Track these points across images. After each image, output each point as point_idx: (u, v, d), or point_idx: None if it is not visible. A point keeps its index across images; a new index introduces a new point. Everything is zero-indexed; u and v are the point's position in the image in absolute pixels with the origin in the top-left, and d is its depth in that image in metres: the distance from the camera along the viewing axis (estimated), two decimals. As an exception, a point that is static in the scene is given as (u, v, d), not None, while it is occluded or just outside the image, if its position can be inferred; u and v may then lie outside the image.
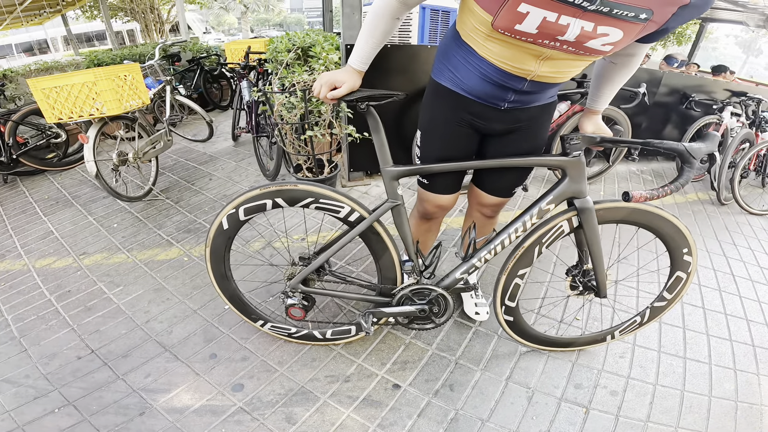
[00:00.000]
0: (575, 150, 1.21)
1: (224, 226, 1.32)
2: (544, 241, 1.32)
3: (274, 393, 1.45)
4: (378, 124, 1.21)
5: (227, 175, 3.09)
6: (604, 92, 1.25)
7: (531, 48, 0.97)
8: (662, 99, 3.59)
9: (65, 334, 1.69)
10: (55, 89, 2.15)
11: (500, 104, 1.17)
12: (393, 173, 1.24)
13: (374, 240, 1.36)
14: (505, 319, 1.47)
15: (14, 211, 2.69)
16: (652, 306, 1.55)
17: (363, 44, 1.11)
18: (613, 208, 1.29)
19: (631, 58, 1.15)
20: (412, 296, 1.41)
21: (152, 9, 9.53)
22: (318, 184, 1.27)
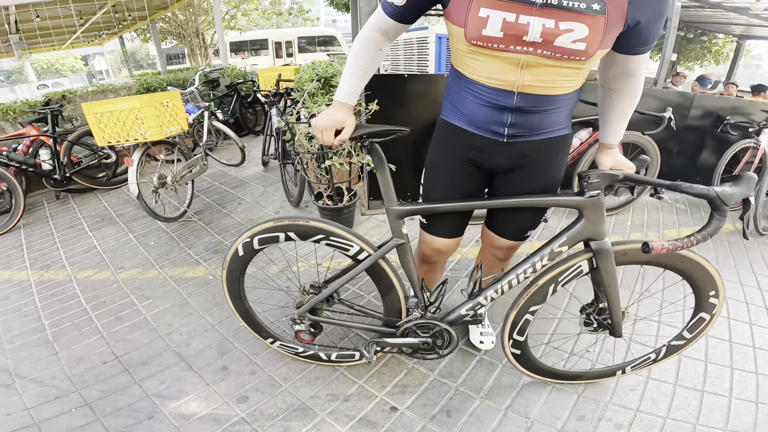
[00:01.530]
0: (593, 189, 1.13)
1: (239, 253, 1.40)
2: (560, 280, 1.28)
3: (276, 407, 1.52)
4: (382, 161, 1.20)
5: (255, 200, 3.27)
6: (613, 123, 1.19)
7: (506, 56, 0.97)
8: (695, 123, 3.45)
9: (95, 340, 1.85)
10: (106, 114, 2.39)
11: (501, 131, 1.12)
12: (397, 212, 1.25)
13: (380, 276, 1.39)
14: (512, 352, 1.45)
15: (63, 226, 2.98)
16: (669, 344, 1.50)
17: (350, 77, 1.11)
18: (635, 250, 1.23)
19: (628, 79, 1.09)
20: (416, 329, 1.43)
21: (198, 33, 10.30)
22: (330, 222, 1.32)
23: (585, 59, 0.95)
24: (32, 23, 6.05)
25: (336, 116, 1.10)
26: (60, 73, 21.98)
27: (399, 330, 1.44)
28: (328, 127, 1.10)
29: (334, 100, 1.12)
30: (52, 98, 3.88)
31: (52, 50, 8.00)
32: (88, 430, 1.43)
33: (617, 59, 1.05)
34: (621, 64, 1.07)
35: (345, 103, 1.12)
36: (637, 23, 0.93)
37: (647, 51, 1.03)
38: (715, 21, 6.35)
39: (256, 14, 11.60)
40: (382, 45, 1.11)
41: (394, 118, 2.63)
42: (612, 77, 1.11)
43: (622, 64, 1.06)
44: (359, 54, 1.10)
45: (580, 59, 0.95)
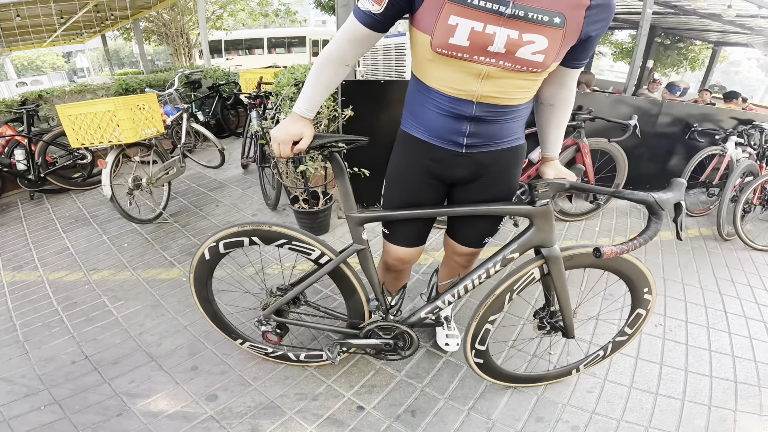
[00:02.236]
0: (543, 198, 1.18)
1: (206, 257, 1.43)
2: (515, 288, 1.33)
3: (245, 405, 1.55)
4: (342, 169, 1.23)
5: (233, 203, 3.28)
6: (553, 137, 1.26)
7: (469, 66, 1.00)
8: (663, 129, 3.54)
9: (65, 340, 1.85)
10: (80, 116, 2.38)
11: (460, 140, 1.14)
12: (357, 219, 1.29)
13: (342, 280, 1.44)
14: (475, 362, 1.49)
15: (36, 227, 2.94)
16: (614, 340, 1.59)
17: (311, 92, 1.11)
18: (581, 254, 1.30)
19: (564, 92, 1.17)
20: (379, 331, 1.47)
21: (182, 33, 10.20)
22: (292, 228, 1.36)
23: (541, 71, 1.01)
24: (11, 21, 5.94)
25: (293, 129, 1.12)
26: (41, 70, 21.50)
27: (362, 332, 1.48)
28: (285, 140, 1.12)
29: (293, 112, 1.13)
30: (28, 98, 3.83)
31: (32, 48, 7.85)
32: (57, 426, 1.44)
33: (559, 72, 1.11)
34: (559, 77, 1.13)
35: (303, 116, 1.13)
36: (587, 37, 0.99)
37: (582, 66, 1.11)
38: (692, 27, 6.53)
39: (243, 15, 11.55)
40: (350, 59, 1.09)
41: (370, 125, 2.67)
42: (551, 92, 1.18)
43: (561, 76, 1.12)
44: (323, 69, 1.09)
45: (536, 71, 1.00)
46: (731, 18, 4.30)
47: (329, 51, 1.08)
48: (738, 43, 5.97)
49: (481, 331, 1.41)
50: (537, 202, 1.19)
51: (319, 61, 1.09)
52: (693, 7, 4.34)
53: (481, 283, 1.32)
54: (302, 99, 1.12)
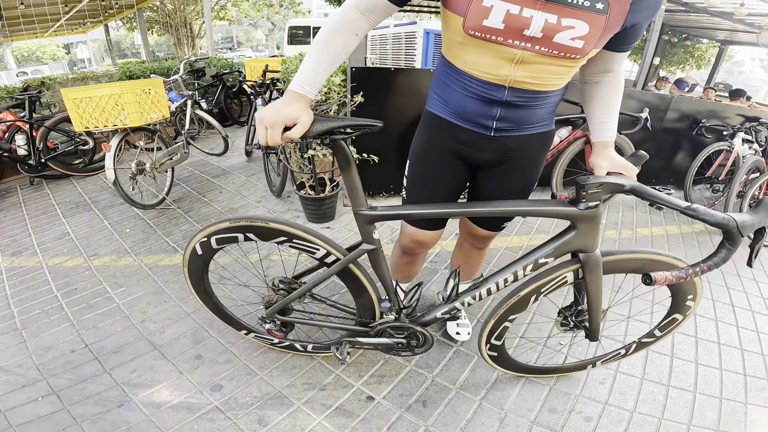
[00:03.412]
0: (593, 200, 1.01)
1: (198, 252, 1.32)
2: (543, 290, 1.24)
3: (251, 395, 1.50)
4: (348, 160, 1.06)
5: (237, 189, 3.23)
6: (601, 117, 1.13)
7: (503, 50, 0.96)
8: (671, 125, 3.54)
9: (64, 328, 1.80)
10: (85, 99, 2.34)
11: (489, 124, 1.11)
12: (367, 217, 1.13)
13: (351, 279, 1.33)
14: (489, 354, 1.44)
15: (36, 212, 2.89)
16: (639, 341, 1.53)
17: (313, 64, 0.92)
18: (626, 260, 1.17)
19: (609, 74, 1.09)
20: (391, 330, 1.39)
21: (185, 23, 10.11)
22: (292, 223, 1.23)
23: (580, 57, 0.95)
24: (16, 10, 5.85)
25: (286, 110, 0.90)
26: (41, 60, 21.30)
27: (372, 330, 1.41)
28: (275, 123, 0.89)
29: (288, 90, 0.92)
30: (30, 84, 3.78)
31: (35, 38, 7.76)
32: (55, 418, 1.39)
33: (603, 55, 1.04)
34: (603, 62, 1.06)
35: (302, 94, 0.91)
36: (633, 25, 0.93)
37: (629, 49, 1.04)
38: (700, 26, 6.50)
39: (246, 5, 11.44)
40: (359, 29, 0.95)
41: (379, 112, 2.62)
42: (595, 73, 1.11)
43: (605, 61, 1.06)
44: (330, 37, 0.93)
45: (575, 57, 0.95)
46: (742, 16, 4.26)
47: (338, 18, 0.94)
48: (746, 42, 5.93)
49: (499, 329, 1.34)
50: (584, 203, 1.03)
51: (324, 30, 0.94)
52: (705, 4, 4.30)
53: (506, 286, 1.22)
54: (301, 73, 0.92)
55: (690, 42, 8.44)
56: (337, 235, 2.56)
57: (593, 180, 0.99)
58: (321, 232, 1.42)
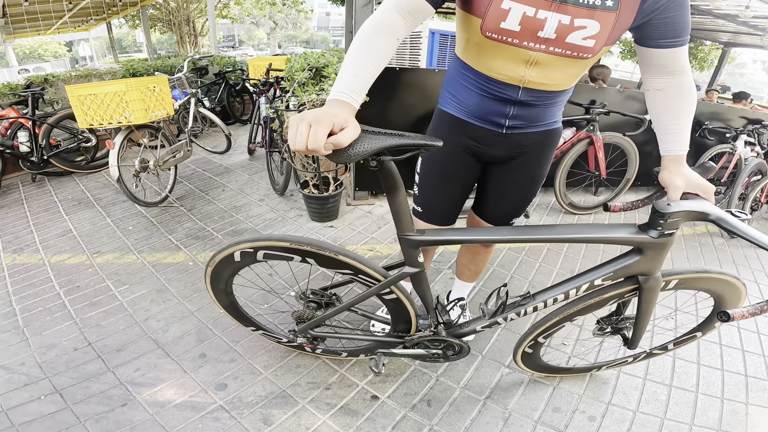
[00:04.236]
0: (669, 228, 0.92)
1: (235, 258, 1.23)
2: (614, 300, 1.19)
3: (255, 394, 1.50)
4: (397, 182, 0.94)
5: (239, 187, 3.23)
6: (670, 128, 0.99)
7: (518, 52, 0.98)
8: (675, 127, 3.54)
9: (67, 326, 1.80)
10: (90, 96, 2.34)
11: (501, 122, 1.15)
12: (414, 243, 1.07)
13: (389, 299, 1.28)
14: (525, 351, 1.41)
15: (38, 209, 2.88)
16: (650, 351, 1.54)
17: (355, 69, 0.81)
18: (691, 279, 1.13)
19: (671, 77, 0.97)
20: (427, 342, 1.37)
21: (188, 21, 10.11)
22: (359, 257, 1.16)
23: (591, 56, 0.97)
24: (20, 7, 5.83)
25: (336, 111, 0.73)
26: (42, 58, 21.25)
27: (409, 342, 1.38)
28: (322, 120, 0.70)
29: (329, 99, 0.78)
30: (33, 81, 3.77)
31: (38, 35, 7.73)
32: (58, 417, 1.39)
33: (652, 55, 0.96)
34: (656, 60, 0.96)
35: (346, 102, 0.77)
36: (656, 15, 0.89)
37: (682, 44, 0.92)
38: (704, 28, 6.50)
39: (249, 4, 11.42)
40: (399, 32, 0.88)
41: (383, 111, 2.63)
42: (654, 78, 1.00)
43: (657, 59, 0.96)
44: (371, 41, 0.84)
45: (586, 57, 0.97)
46: (747, 19, 4.26)
47: (376, 20, 0.87)
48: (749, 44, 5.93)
49: (557, 327, 1.30)
50: (659, 231, 0.93)
51: (363, 33, 0.86)
52: (710, 7, 4.30)
53: (554, 304, 1.17)
54: (342, 80, 0.80)
55: (693, 44, 8.44)
56: (340, 234, 2.56)
57: (675, 208, 0.89)
58: (364, 255, 1.41)
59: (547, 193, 3.38)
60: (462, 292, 1.79)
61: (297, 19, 22.31)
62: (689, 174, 0.96)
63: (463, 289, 1.78)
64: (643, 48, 0.97)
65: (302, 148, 0.70)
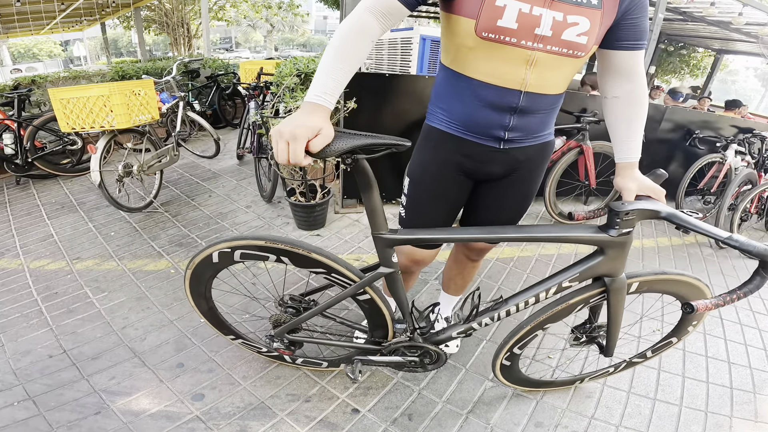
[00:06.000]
0: (626, 227, 0.98)
1: (213, 260, 1.24)
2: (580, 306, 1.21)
3: (233, 405, 1.47)
4: (370, 182, 1.00)
5: (227, 193, 3.19)
6: (623, 135, 1.07)
7: (517, 52, 0.95)
8: (665, 135, 3.55)
9: (43, 333, 1.76)
10: (72, 100, 2.30)
11: (500, 135, 1.07)
12: (387, 241, 1.09)
13: (365, 301, 1.28)
14: (503, 363, 1.40)
15: (21, 213, 2.83)
16: (630, 360, 1.53)
17: (330, 72, 0.85)
18: (652, 281, 1.16)
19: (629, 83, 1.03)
20: (404, 349, 1.35)
21: (183, 23, 10.06)
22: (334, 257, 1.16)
23: (584, 54, 0.97)
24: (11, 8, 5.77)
25: (310, 120, 0.81)
26: (37, 58, 21.11)
27: (385, 349, 1.36)
28: (298, 136, 0.79)
29: (305, 102, 0.84)
30: (21, 82, 3.73)
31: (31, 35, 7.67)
32: (31, 423, 1.36)
33: (612, 58, 1.02)
34: (616, 63, 1.02)
35: (321, 105, 0.83)
36: (625, 16, 0.95)
37: (640, 48, 1.00)
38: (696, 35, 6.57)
39: (245, 6, 11.42)
40: (373, 34, 0.90)
41: (373, 119, 2.61)
42: (612, 81, 1.06)
43: (618, 62, 1.02)
44: (346, 42, 0.87)
45: (580, 55, 0.97)
46: (740, 26, 4.30)
47: (350, 22, 0.89)
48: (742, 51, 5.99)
49: (530, 336, 1.30)
50: (617, 230, 0.99)
51: (338, 36, 0.88)
52: (703, 14, 4.34)
53: (526, 307, 1.18)
54: (318, 83, 0.85)
55: (686, 51, 8.54)
56: (327, 243, 2.53)
57: (629, 206, 0.95)
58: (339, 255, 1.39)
59: (536, 203, 3.37)
60: (448, 304, 1.76)
61: (294, 22, 22.30)
62: (641, 178, 1.05)
63: (448, 302, 1.75)
64: (607, 51, 1.02)
65: (284, 162, 0.81)
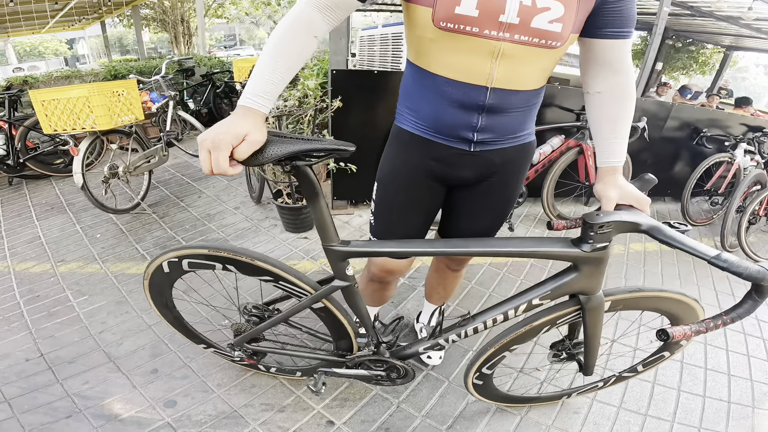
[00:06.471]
0: (601, 241, 0.87)
1: (164, 270, 1.21)
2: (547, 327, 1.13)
3: (205, 413, 1.44)
4: (315, 189, 0.91)
5: (216, 194, 3.15)
6: (606, 136, 0.95)
7: (480, 43, 0.85)
8: (671, 134, 3.42)
9: (22, 336, 1.75)
10: (53, 102, 2.28)
11: (469, 136, 0.99)
12: (339, 254, 1.01)
13: (325, 314, 1.22)
14: (474, 383, 1.33)
15: (11, 214, 2.83)
16: (619, 374, 1.44)
17: (266, 73, 0.77)
18: (631, 299, 1.06)
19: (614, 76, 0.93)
20: (369, 363, 1.29)
21: (182, 21, 10.03)
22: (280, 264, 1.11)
23: (560, 45, 0.86)
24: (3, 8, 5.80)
25: (235, 127, 0.74)
26: (43, 56, 21.35)
27: (350, 362, 1.31)
28: (220, 144, 0.72)
29: (238, 105, 0.78)
30: (13, 83, 3.73)
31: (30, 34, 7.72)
32: (4, 425, 1.36)
33: (594, 48, 0.92)
34: (599, 53, 0.92)
35: (254, 109, 0.76)
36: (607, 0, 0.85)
37: (627, 36, 0.89)
38: (705, 30, 6.39)
39: (245, 3, 11.35)
40: (317, 29, 0.82)
41: (361, 117, 2.53)
42: (595, 75, 0.95)
43: (600, 52, 0.91)
44: (285, 41, 0.79)
45: (555, 45, 0.86)
46: (750, 21, 4.15)
47: (291, 17, 0.81)
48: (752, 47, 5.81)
49: (497, 357, 1.22)
50: (591, 244, 0.89)
51: (277, 33, 0.80)
52: (711, 8, 4.19)
53: (494, 325, 1.10)
54: (252, 84, 0.78)
55: (694, 47, 8.31)
56: (314, 246, 2.47)
57: (604, 218, 0.84)
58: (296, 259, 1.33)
59: (535, 204, 3.28)
60: (431, 314, 1.69)
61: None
62: (624, 185, 0.93)
63: (431, 312, 1.68)
64: (588, 40, 0.91)
65: (208, 173, 0.75)
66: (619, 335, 1.86)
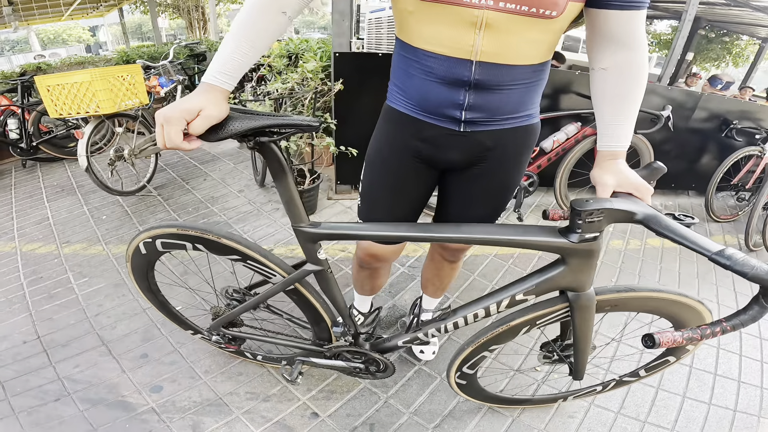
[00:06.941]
0: (590, 230, 0.79)
1: (141, 251, 1.21)
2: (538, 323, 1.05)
3: (190, 400, 1.43)
4: (282, 166, 0.88)
5: (222, 177, 3.14)
6: (607, 117, 0.86)
7: (461, 12, 0.77)
8: (698, 125, 3.22)
9: (23, 318, 1.77)
10: (57, 87, 2.31)
11: (456, 115, 0.91)
12: (308, 235, 0.96)
13: (300, 298, 1.19)
14: (457, 382, 1.28)
15: (23, 195, 2.89)
16: (620, 379, 1.35)
17: (230, 51, 0.74)
18: (620, 299, 0.98)
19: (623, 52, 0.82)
20: (347, 354, 1.26)
21: (197, 7, 10.05)
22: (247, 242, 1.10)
23: (556, 15, 0.76)
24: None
25: (188, 103, 0.72)
26: (66, 43, 21.88)
27: (328, 352, 1.27)
28: (171, 119, 0.71)
29: (201, 81, 0.76)
30: (27, 70, 3.80)
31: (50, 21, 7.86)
32: (-4, 408, 1.38)
33: (600, 19, 0.81)
34: (606, 26, 0.81)
35: (215, 85, 0.74)
36: None
37: (639, 7, 0.78)
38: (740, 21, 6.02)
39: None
40: (287, 5, 0.78)
41: (363, 100, 2.46)
42: (601, 49, 0.85)
43: (608, 25, 0.81)
44: (251, 17, 0.76)
45: (549, 14, 0.76)
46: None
47: None
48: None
49: (476, 357, 1.16)
50: (579, 234, 0.80)
51: (245, 8, 0.76)
52: (746, -1, 3.92)
53: (476, 321, 1.03)
54: (216, 61, 0.76)
55: (728, 38, 7.81)
56: (314, 232, 2.44)
57: (593, 205, 0.75)
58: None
59: (547, 194, 3.15)
60: (428, 306, 1.63)
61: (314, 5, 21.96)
62: (624, 171, 0.84)
63: (429, 303, 1.62)
64: (594, 10, 0.80)
65: (162, 147, 0.74)
66: (622, 337, 1.76)
